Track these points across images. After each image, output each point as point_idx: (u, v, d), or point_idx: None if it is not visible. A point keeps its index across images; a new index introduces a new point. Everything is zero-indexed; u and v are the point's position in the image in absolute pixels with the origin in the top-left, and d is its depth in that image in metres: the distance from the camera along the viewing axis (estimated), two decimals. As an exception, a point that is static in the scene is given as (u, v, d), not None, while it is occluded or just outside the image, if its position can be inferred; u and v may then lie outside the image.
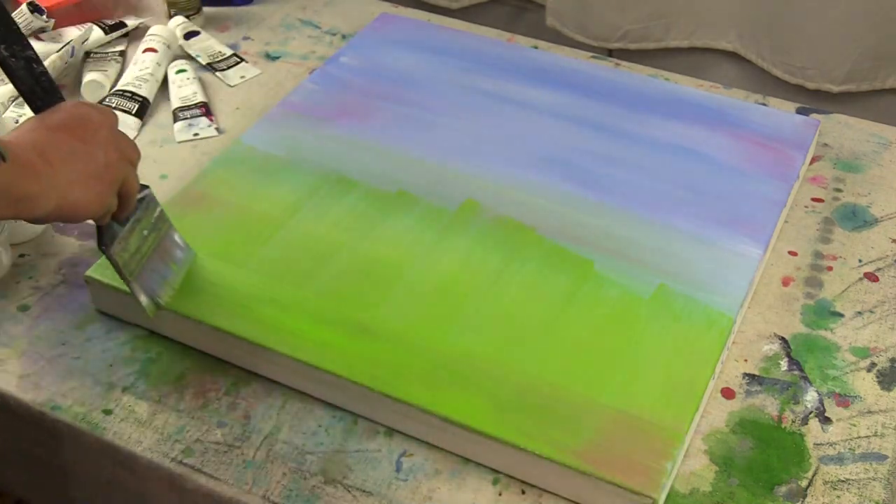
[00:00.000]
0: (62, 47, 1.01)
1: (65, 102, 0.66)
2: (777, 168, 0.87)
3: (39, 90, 0.65)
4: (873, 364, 0.74)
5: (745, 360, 0.74)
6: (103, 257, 0.78)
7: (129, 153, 0.68)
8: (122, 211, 0.69)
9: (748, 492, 0.65)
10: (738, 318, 0.75)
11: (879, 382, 0.73)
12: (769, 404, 0.71)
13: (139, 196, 0.72)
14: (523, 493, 0.66)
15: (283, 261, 0.78)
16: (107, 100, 0.99)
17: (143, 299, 0.72)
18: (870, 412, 0.71)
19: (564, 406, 0.67)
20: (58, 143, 0.62)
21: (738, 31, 1.17)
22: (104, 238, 0.69)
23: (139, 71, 1.02)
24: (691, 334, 0.72)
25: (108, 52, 1.07)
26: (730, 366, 0.74)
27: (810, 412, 0.71)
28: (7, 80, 0.66)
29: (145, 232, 0.73)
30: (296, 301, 0.74)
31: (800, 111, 0.98)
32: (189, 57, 1.07)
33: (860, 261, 0.82)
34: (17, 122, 0.95)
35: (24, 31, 0.71)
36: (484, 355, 0.70)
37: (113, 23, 1.09)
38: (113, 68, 1.05)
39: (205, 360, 0.75)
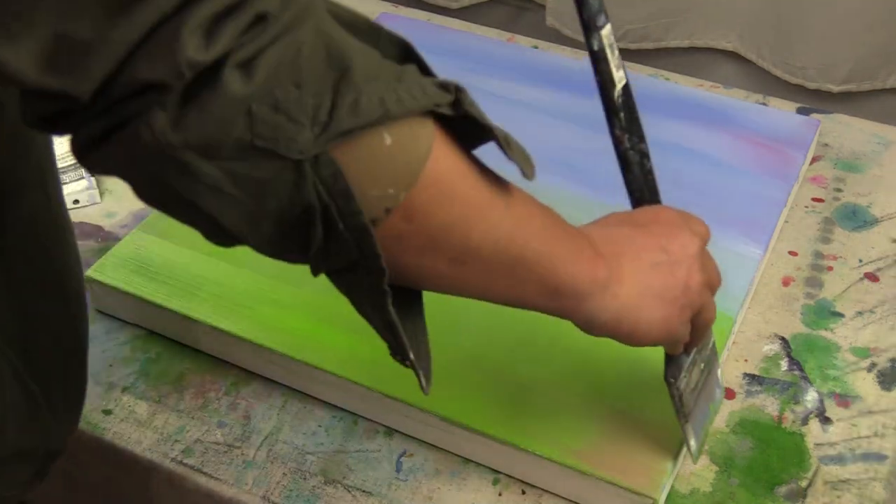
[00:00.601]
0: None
1: (661, 206, 0.59)
2: (777, 168, 0.87)
3: (646, 190, 0.61)
4: (873, 364, 0.74)
5: (746, 360, 0.74)
6: (104, 257, 0.78)
7: (713, 279, 0.57)
8: (693, 343, 0.60)
9: (748, 492, 0.65)
10: (738, 318, 0.75)
11: (879, 382, 0.73)
12: (769, 404, 0.71)
13: None
14: (523, 493, 0.66)
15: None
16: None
17: (693, 444, 0.64)
18: (870, 412, 0.70)
19: (564, 406, 0.67)
20: (638, 245, 0.53)
21: (739, 31, 1.17)
22: (671, 369, 0.61)
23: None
24: (691, 334, 0.72)
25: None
26: (730, 366, 0.74)
27: (810, 412, 0.71)
28: None
29: (702, 365, 0.64)
30: (296, 301, 0.74)
31: (800, 111, 0.98)
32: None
33: (860, 261, 0.82)
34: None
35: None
36: (484, 355, 0.70)
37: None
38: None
39: (205, 360, 0.75)
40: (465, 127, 0.42)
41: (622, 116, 0.57)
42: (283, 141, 0.36)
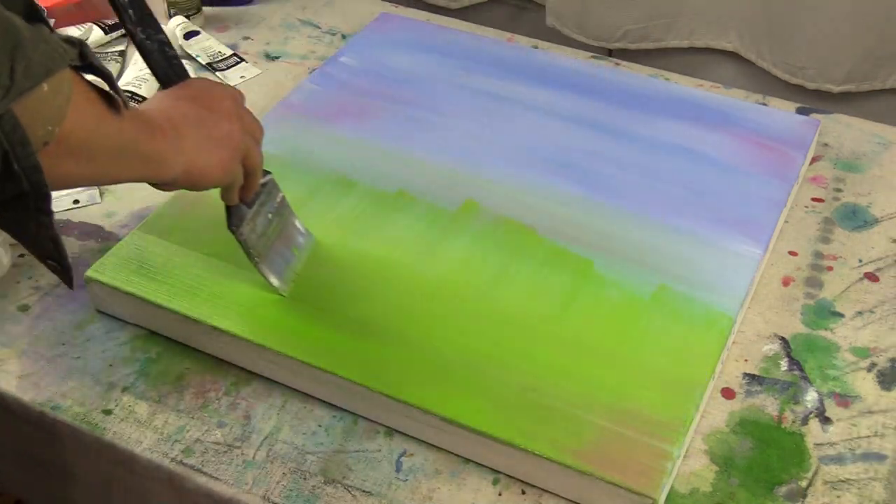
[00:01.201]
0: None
1: (191, 78, 0.70)
2: (777, 168, 0.87)
3: (172, 72, 0.69)
4: (873, 364, 0.74)
5: (746, 360, 0.74)
6: (104, 257, 0.78)
7: (252, 127, 0.70)
8: (248, 188, 0.71)
9: (748, 492, 0.65)
10: (738, 318, 0.75)
11: (879, 382, 0.73)
12: (769, 404, 0.71)
13: (262, 181, 0.73)
14: (523, 493, 0.66)
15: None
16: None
17: (273, 280, 0.74)
18: (870, 412, 0.70)
19: (564, 406, 0.67)
20: (184, 109, 0.65)
21: (738, 31, 1.17)
22: (233, 219, 0.71)
23: (139, 71, 1.02)
24: (691, 334, 0.72)
25: (107, 52, 1.07)
26: (730, 366, 0.74)
27: (810, 412, 0.71)
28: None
29: (270, 216, 0.75)
30: (296, 301, 0.74)
31: (800, 111, 0.98)
32: (189, 57, 1.07)
33: (860, 261, 0.82)
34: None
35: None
36: (484, 355, 0.70)
37: (113, 23, 1.09)
38: (113, 68, 1.05)
39: (205, 360, 0.75)
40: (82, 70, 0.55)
41: (130, 13, 0.67)
42: None
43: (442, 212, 0.82)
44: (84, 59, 0.53)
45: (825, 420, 0.70)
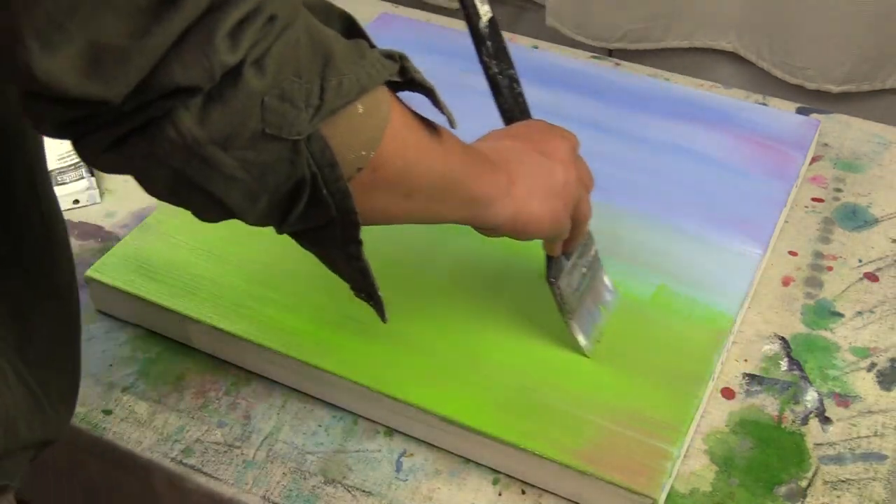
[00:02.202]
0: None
1: (532, 119, 0.68)
2: (777, 168, 0.87)
3: (517, 109, 0.68)
4: (873, 364, 0.74)
5: (745, 360, 0.74)
6: (104, 257, 0.78)
7: (585, 176, 0.66)
8: (574, 239, 0.67)
9: (748, 492, 0.65)
10: (738, 318, 0.75)
11: (879, 382, 0.73)
12: (769, 404, 0.71)
13: None
14: (523, 493, 0.66)
15: (283, 261, 0.78)
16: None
17: (581, 339, 0.70)
18: (870, 412, 0.70)
19: (564, 406, 0.67)
20: (520, 151, 0.62)
21: (738, 31, 1.17)
22: (552, 270, 0.68)
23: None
24: (691, 334, 0.72)
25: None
26: (730, 366, 0.74)
27: (810, 412, 0.71)
28: None
29: (584, 269, 0.71)
30: (296, 301, 0.74)
31: (800, 111, 0.98)
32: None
33: (860, 261, 0.82)
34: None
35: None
36: (484, 355, 0.70)
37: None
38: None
39: (205, 360, 0.75)
40: (401, 85, 0.51)
41: (489, 45, 0.65)
42: (285, 126, 0.41)
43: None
44: (404, 75, 0.49)
45: (825, 420, 0.70)
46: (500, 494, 0.66)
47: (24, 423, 0.52)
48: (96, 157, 0.41)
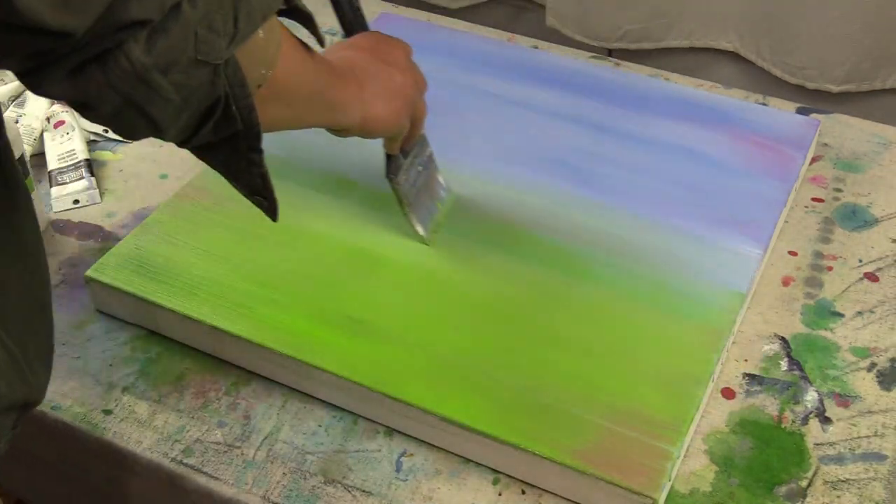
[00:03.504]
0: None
1: (369, 31, 0.74)
2: (777, 168, 0.87)
3: (356, 23, 0.75)
4: (873, 364, 0.74)
5: (745, 360, 0.74)
6: (104, 257, 0.78)
7: (420, 80, 0.73)
8: (411, 137, 0.75)
9: (748, 492, 0.65)
10: (738, 318, 0.75)
11: (879, 382, 0.73)
12: (769, 404, 0.71)
13: None
14: (523, 493, 0.66)
15: (283, 261, 0.78)
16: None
17: (420, 229, 0.78)
18: (870, 412, 0.71)
19: (564, 406, 0.67)
20: (364, 61, 0.69)
21: (738, 31, 1.17)
22: (391, 167, 0.76)
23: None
24: (691, 334, 0.72)
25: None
26: (730, 366, 0.74)
27: (810, 412, 0.71)
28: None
29: (420, 168, 0.79)
30: (296, 301, 0.74)
31: (800, 111, 0.98)
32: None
33: (860, 261, 0.82)
34: (17, 121, 0.95)
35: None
36: (484, 355, 0.70)
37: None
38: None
39: (205, 360, 0.75)
40: (285, 13, 0.58)
41: None
42: (212, 53, 0.47)
43: (442, 211, 0.82)
44: (289, 3, 0.56)
45: (825, 420, 0.70)
46: (500, 494, 0.66)
47: (4, 382, 0.54)
48: (52, 86, 0.45)
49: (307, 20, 0.59)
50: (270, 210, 0.60)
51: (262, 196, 0.59)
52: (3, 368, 0.54)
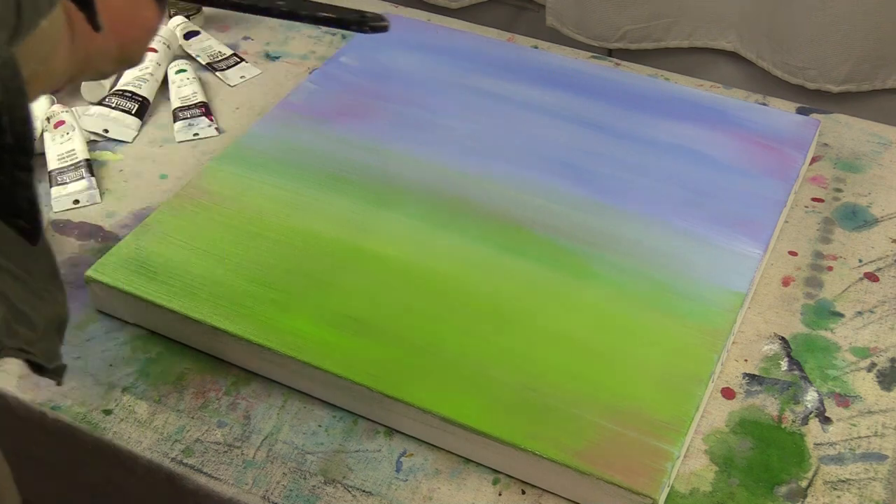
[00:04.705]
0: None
1: None
2: (777, 168, 0.87)
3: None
4: (873, 364, 0.74)
5: (745, 360, 0.74)
6: (104, 257, 0.78)
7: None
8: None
9: (748, 492, 0.65)
10: (738, 318, 0.75)
11: (879, 382, 0.73)
12: (769, 404, 0.71)
13: None
14: (523, 493, 0.66)
15: (283, 261, 0.78)
16: (106, 100, 0.99)
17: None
18: (870, 412, 0.71)
19: (564, 406, 0.67)
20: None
21: (738, 31, 1.17)
22: None
23: (139, 71, 1.02)
24: (691, 334, 0.72)
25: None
26: (730, 366, 0.74)
27: (810, 412, 0.71)
28: None
29: None
30: (296, 301, 0.74)
31: (800, 111, 0.98)
32: (189, 57, 1.07)
33: (860, 261, 0.82)
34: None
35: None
36: (484, 355, 0.70)
37: None
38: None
39: (205, 360, 0.75)
40: None
41: None
42: None
43: (442, 212, 0.82)
44: None
45: (825, 420, 0.70)
46: (500, 494, 0.66)
47: (27, 307, 0.49)
48: None
49: (85, 4, 0.49)
50: (32, 235, 0.48)
51: (27, 221, 0.47)
52: (20, 293, 0.50)
